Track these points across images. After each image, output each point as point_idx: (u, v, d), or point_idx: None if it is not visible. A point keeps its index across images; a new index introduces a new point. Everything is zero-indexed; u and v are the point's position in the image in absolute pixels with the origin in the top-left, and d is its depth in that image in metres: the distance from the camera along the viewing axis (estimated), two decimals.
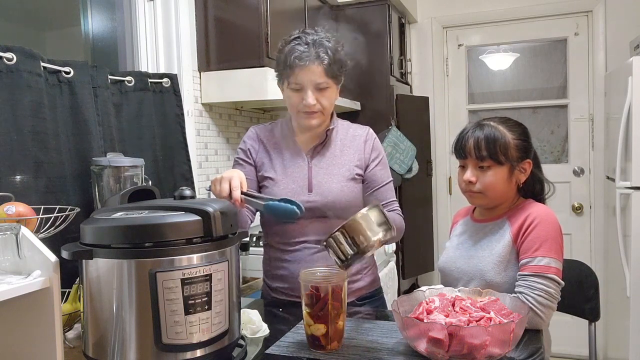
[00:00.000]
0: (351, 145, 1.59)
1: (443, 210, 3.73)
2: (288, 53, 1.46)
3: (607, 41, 3.31)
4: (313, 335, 1.19)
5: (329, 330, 1.17)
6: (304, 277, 1.20)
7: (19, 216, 1.19)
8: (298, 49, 1.45)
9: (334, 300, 1.17)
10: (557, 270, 1.34)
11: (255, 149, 1.61)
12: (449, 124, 3.75)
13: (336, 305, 1.17)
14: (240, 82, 2.32)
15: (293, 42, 1.47)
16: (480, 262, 1.42)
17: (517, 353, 1.15)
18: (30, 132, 1.44)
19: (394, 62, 3.22)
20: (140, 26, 2.23)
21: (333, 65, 1.46)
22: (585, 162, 3.45)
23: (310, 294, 1.18)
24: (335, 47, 1.48)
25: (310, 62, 1.44)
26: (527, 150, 1.45)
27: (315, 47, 1.45)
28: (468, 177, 1.45)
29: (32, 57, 1.46)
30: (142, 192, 1.47)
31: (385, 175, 1.60)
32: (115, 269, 1.02)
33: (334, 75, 1.48)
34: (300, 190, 1.53)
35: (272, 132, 1.64)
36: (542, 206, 1.44)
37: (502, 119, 1.48)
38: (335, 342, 1.19)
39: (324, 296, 1.16)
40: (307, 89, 1.46)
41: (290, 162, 1.57)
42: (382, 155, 1.62)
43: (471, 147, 1.43)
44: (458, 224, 1.62)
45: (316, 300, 1.17)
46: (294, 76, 1.46)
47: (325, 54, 1.45)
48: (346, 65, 1.53)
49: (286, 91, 1.52)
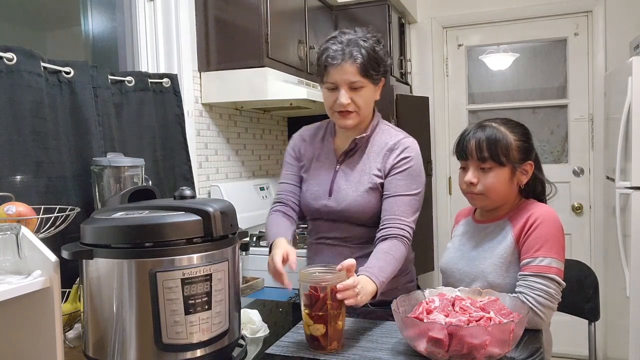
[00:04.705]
0: (379, 152, 1.55)
1: (443, 210, 3.72)
2: (322, 52, 1.48)
3: (607, 41, 3.30)
4: (312, 335, 1.19)
5: (328, 330, 1.17)
6: (303, 277, 1.20)
7: (19, 216, 1.19)
8: (332, 48, 1.46)
9: (333, 301, 1.16)
10: (558, 271, 1.33)
11: (299, 147, 1.66)
12: (449, 124, 3.75)
13: (335, 305, 1.17)
14: (240, 82, 2.32)
15: (329, 42, 1.49)
16: (482, 263, 1.42)
17: (517, 353, 1.15)
18: (31, 132, 1.44)
19: (394, 62, 3.22)
20: (141, 26, 2.23)
21: (367, 64, 1.45)
22: (585, 162, 3.45)
23: (309, 294, 1.17)
24: (372, 46, 1.47)
25: (344, 61, 1.44)
26: (528, 152, 1.45)
27: (349, 46, 1.45)
28: (469, 179, 1.44)
29: (32, 57, 1.46)
30: (142, 192, 1.47)
31: (402, 186, 1.49)
32: (115, 269, 1.03)
33: (369, 75, 1.47)
34: (322, 193, 1.56)
35: (317, 132, 1.67)
36: (544, 206, 1.44)
37: (504, 120, 1.48)
38: (335, 342, 1.19)
39: (323, 296, 1.16)
40: (340, 88, 1.46)
41: (322, 164, 1.61)
42: (408, 166, 1.52)
43: (472, 148, 1.43)
44: (460, 224, 1.61)
45: (315, 300, 1.17)
46: (327, 75, 1.47)
47: (359, 52, 1.44)
48: (385, 64, 1.51)
49: (323, 90, 1.53)
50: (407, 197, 1.50)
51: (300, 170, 1.65)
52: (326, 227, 1.59)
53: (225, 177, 2.59)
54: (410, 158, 1.53)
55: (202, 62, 2.38)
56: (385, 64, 1.52)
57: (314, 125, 1.70)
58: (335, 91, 1.48)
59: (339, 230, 1.57)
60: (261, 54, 2.31)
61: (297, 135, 1.70)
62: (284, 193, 1.65)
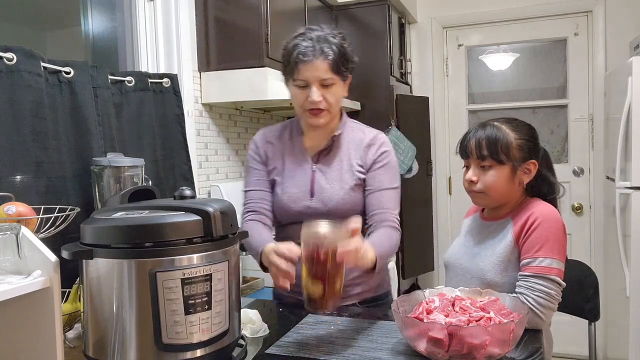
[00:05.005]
0: (357, 149, 1.54)
1: (443, 210, 3.72)
2: (292, 49, 1.44)
3: (607, 41, 3.31)
4: (309, 294, 1.17)
5: (326, 290, 1.15)
6: (305, 234, 1.17)
7: (19, 216, 1.19)
8: (302, 44, 1.43)
9: (333, 261, 1.14)
10: (558, 271, 1.33)
11: (265, 150, 1.59)
12: (449, 124, 3.75)
13: (334, 266, 1.15)
14: (240, 82, 2.32)
15: (297, 39, 1.45)
16: (482, 261, 1.42)
17: (517, 353, 1.15)
18: (31, 132, 1.44)
19: (394, 62, 3.22)
20: (140, 26, 2.23)
21: (338, 61, 1.44)
22: (585, 162, 3.45)
23: (310, 252, 1.15)
24: (341, 42, 1.46)
25: (315, 58, 1.41)
26: (532, 151, 1.44)
27: (319, 42, 1.43)
28: (470, 177, 1.45)
29: (32, 57, 1.46)
30: (142, 192, 1.47)
31: (386, 180, 1.51)
32: (115, 269, 1.03)
33: (340, 71, 1.46)
34: (302, 195, 1.51)
35: (282, 133, 1.61)
36: (546, 205, 1.43)
37: (508, 119, 1.48)
38: (331, 303, 1.17)
39: (324, 258, 1.14)
40: (312, 85, 1.44)
41: (295, 165, 1.55)
42: (388, 160, 1.53)
43: (473, 146, 1.43)
44: (468, 219, 1.62)
45: (315, 259, 1.14)
46: (298, 72, 1.44)
47: (330, 49, 1.43)
48: (353, 61, 1.51)
49: (291, 89, 1.49)
50: (392, 190, 1.52)
51: (269, 174, 1.57)
52: None
53: (225, 177, 2.59)
54: (388, 152, 1.55)
55: (202, 62, 2.38)
56: (353, 60, 1.51)
57: (276, 127, 1.63)
58: (305, 89, 1.45)
59: None
60: (261, 54, 2.31)
61: (258, 138, 1.61)
62: (254, 201, 1.55)
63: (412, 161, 3.07)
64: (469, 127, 3.70)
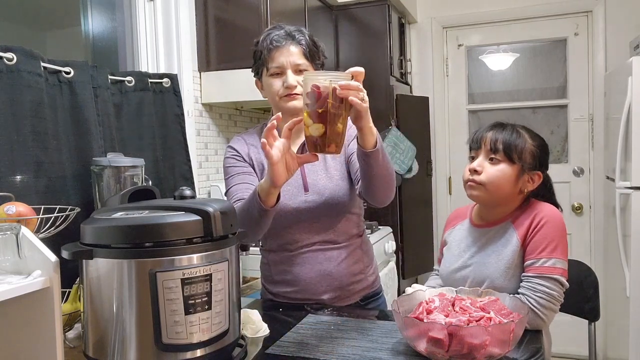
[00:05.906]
0: None
1: (443, 210, 3.72)
2: (263, 40, 1.48)
3: (607, 41, 3.31)
4: (312, 135, 1.15)
5: (327, 131, 1.14)
6: (306, 78, 1.16)
7: (19, 216, 1.19)
8: (274, 33, 1.47)
9: (335, 100, 1.13)
10: (563, 271, 1.33)
11: (247, 152, 1.57)
12: (449, 124, 3.75)
13: (336, 105, 1.13)
14: (240, 82, 2.31)
15: (267, 31, 1.50)
16: (488, 268, 1.41)
17: (518, 353, 1.15)
18: (31, 132, 1.44)
19: (394, 62, 3.22)
20: (140, 26, 2.23)
21: (311, 49, 1.48)
22: (585, 162, 3.45)
23: (311, 92, 1.13)
24: (311, 36, 1.51)
25: (288, 42, 1.46)
26: (541, 162, 1.45)
27: (291, 31, 1.48)
28: (474, 166, 1.44)
29: (32, 57, 1.46)
30: (142, 192, 1.47)
31: None
32: (115, 269, 1.03)
33: (313, 59, 1.49)
34: (297, 191, 1.51)
35: (260, 135, 1.58)
36: (548, 205, 1.43)
37: (524, 126, 1.49)
38: (334, 145, 1.16)
39: (325, 94, 1.12)
40: (287, 70, 1.45)
41: None
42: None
43: (488, 138, 1.43)
44: (456, 229, 1.59)
45: (317, 98, 1.13)
46: (272, 60, 1.46)
47: (302, 36, 1.48)
48: (324, 54, 1.54)
49: (266, 80, 1.50)
50: None
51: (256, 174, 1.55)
52: (305, 231, 1.52)
53: None
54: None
55: (202, 62, 2.38)
56: (324, 54, 1.54)
57: (251, 131, 1.63)
58: (280, 76, 1.47)
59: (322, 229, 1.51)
60: None
61: (237, 144, 1.58)
62: (241, 190, 1.48)
63: (412, 161, 3.07)
64: (469, 127, 3.71)
